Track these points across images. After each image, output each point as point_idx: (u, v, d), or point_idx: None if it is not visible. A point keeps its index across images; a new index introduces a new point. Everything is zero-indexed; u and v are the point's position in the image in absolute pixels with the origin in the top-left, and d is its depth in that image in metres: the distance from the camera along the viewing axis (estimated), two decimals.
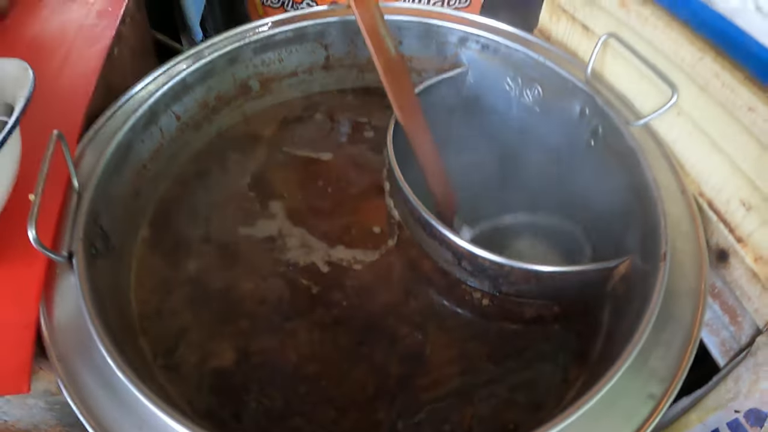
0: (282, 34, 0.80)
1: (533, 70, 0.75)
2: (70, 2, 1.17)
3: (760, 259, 0.58)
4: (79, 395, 0.45)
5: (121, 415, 0.44)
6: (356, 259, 0.67)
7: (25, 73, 0.60)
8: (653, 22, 0.65)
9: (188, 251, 0.67)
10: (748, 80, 0.56)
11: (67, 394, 0.45)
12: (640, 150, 0.62)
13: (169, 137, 0.73)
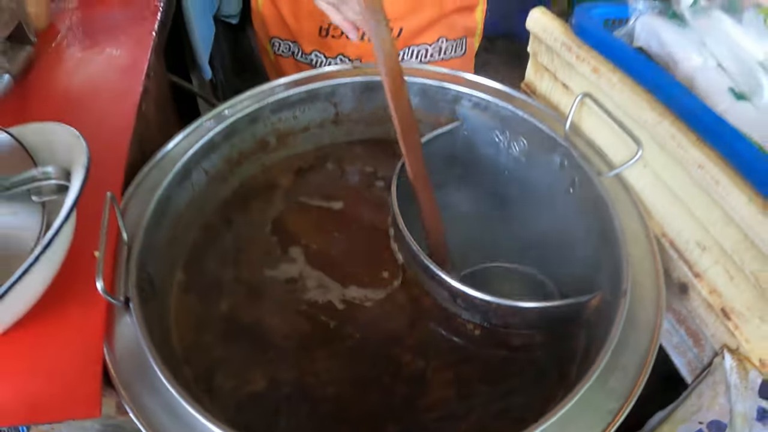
0: (296, 95, 0.92)
1: (519, 125, 0.88)
2: (93, 56, 1.29)
3: (714, 292, 0.70)
4: (143, 415, 0.57)
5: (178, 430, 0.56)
6: (367, 297, 0.79)
7: (77, 142, 0.72)
8: (620, 87, 0.77)
9: (220, 291, 0.79)
10: (698, 141, 0.68)
11: (133, 416, 0.57)
12: (609, 199, 0.74)
13: (199, 189, 0.85)
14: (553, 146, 0.84)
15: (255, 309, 0.77)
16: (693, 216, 0.71)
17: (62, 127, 0.76)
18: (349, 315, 0.77)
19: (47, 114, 1.02)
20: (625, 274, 0.66)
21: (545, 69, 0.95)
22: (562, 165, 0.84)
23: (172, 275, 0.79)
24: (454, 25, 1.36)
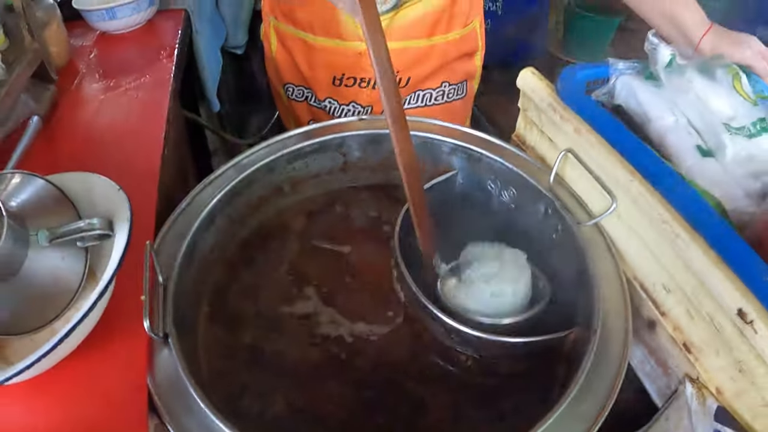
0: (309, 147, 1.05)
1: (508, 176, 1.00)
2: (115, 97, 1.40)
3: (677, 329, 0.81)
4: None
5: None
6: (373, 332, 0.90)
7: (117, 194, 0.83)
8: (598, 147, 0.90)
9: (243, 324, 0.90)
10: (662, 200, 0.80)
11: None
12: (587, 247, 0.86)
13: (222, 233, 0.97)
14: (539, 196, 0.96)
15: (275, 341, 0.89)
16: (659, 262, 0.83)
17: (102, 179, 0.87)
18: (357, 348, 0.89)
19: (76, 158, 1.14)
20: (596, 313, 0.77)
21: (533, 123, 1.08)
22: (546, 213, 0.96)
23: (199, 309, 0.91)
24: (456, 71, 1.50)
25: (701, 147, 0.92)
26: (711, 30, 1.09)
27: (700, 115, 0.95)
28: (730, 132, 0.91)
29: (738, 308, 0.68)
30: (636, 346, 0.90)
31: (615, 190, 0.86)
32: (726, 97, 0.97)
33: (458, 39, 1.43)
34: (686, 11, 1.11)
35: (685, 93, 0.97)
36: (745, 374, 0.71)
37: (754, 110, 0.95)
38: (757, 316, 0.66)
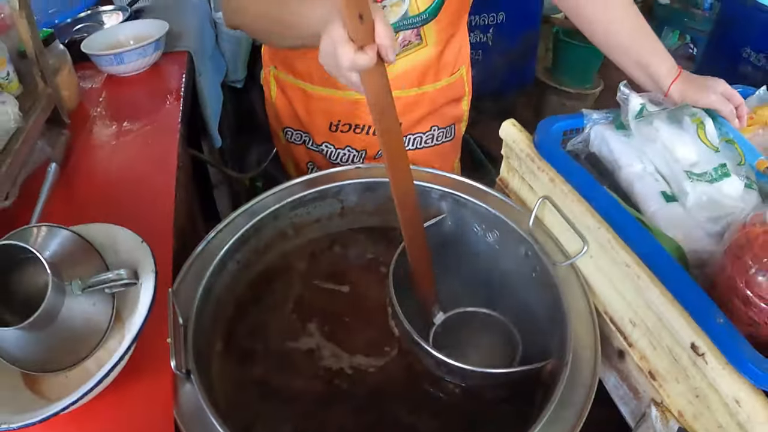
0: (310, 195, 1.17)
1: (492, 220, 1.12)
2: (126, 144, 1.50)
3: (643, 358, 0.93)
4: None
5: None
6: (371, 364, 1.02)
7: (141, 246, 0.95)
8: (570, 196, 1.02)
9: (253, 359, 1.01)
10: (625, 246, 0.92)
11: None
12: (562, 286, 0.97)
13: (232, 275, 1.08)
14: (519, 239, 1.08)
15: (283, 373, 1.00)
16: (625, 300, 0.94)
17: (125, 231, 0.98)
18: (357, 379, 1.00)
19: (93, 204, 1.25)
20: (568, 347, 0.89)
21: (515, 170, 1.20)
22: (526, 254, 1.08)
23: (214, 346, 1.02)
24: (445, 115, 1.61)
25: (666, 193, 1.03)
26: (679, 77, 1.21)
27: (665, 163, 1.07)
28: (691, 179, 1.02)
29: (691, 342, 0.79)
30: (610, 372, 1.01)
31: (586, 234, 0.98)
32: (690, 145, 1.08)
33: (446, 86, 1.55)
34: (657, 60, 1.23)
35: (652, 142, 1.09)
36: (701, 399, 0.82)
37: (715, 156, 1.07)
38: (707, 350, 0.78)
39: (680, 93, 1.20)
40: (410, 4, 1.29)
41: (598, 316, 0.99)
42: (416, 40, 1.39)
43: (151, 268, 0.91)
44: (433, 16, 1.34)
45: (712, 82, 1.20)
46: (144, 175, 1.37)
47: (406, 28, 1.34)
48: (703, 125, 1.11)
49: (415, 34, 1.37)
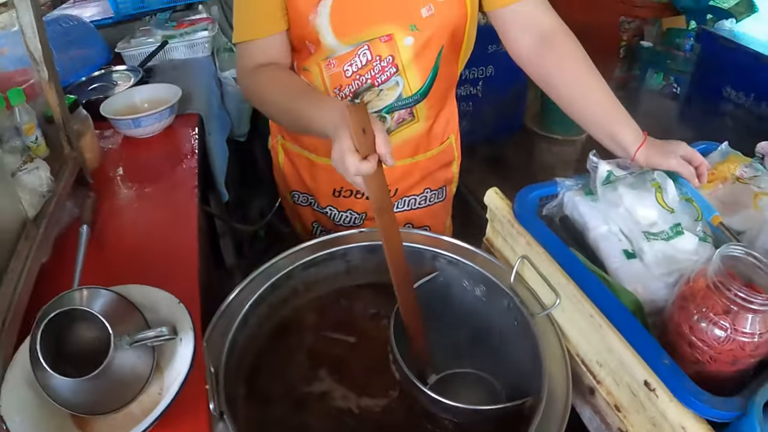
0: (320, 257, 1.36)
1: (478, 276, 1.31)
2: (149, 206, 1.67)
3: (609, 394, 1.10)
4: None
5: None
6: (375, 404, 1.19)
7: (178, 307, 1.12)
8: (544, 257, 1.20)
9: (273, 402, 1.19)
10: (589, 300, 1.10)
11: None
12: (539, 333, 1.15)
13: (253, 328, 1.26)
14: (502, 293, 1.26)
15: (300, 413, 1.18)
16: (592, 344, 1.12)
17: (162, 293, 1.16)
18: (364, 417, 1.18)
19: (124, 265, 1.41)
20: (544, 386, 1.06)
21: (499, 232, 1.39)
22: (508, 306, 1.26)
23: (238, 390, 1.19)
24: (437, 179, 1.81)
25: (627, 251, 1.22)
26: (644, 144, 1.36)
27: (627, 224, 1.25)
28: (649, 239, 1.20)
29: (644, 380, 0.98)
30: (585, 407, 1.18)
31: (558, 289, 1.16)
32: (649, 208, 1.26)
33: (437, 154, 1.76)
34: (624, 129, 1.39)
35: (616, 206, 1.27)
36: (657, 427, 0.99)
37: (671, 217, 1.24)
38: (657, 386, 0.96)
39: (645, 158, 1.36)
40: (404, 87, 1.50)
41: (571, 359, 1.16)
42: (409, 117, 1.59)
43: (189, 326, 1.08)
44: (423, 97, 1.55)
45: (674, 147, 1.36)
46: (168, 235, 1.54)
47: (400, 108, 1.55)
48: (661, 189, 1.29)
49: (408, 113, 1.58)
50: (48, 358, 0.99)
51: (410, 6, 1.40)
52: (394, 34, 1.43)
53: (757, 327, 0.94)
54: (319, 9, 1.38)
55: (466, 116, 4.10)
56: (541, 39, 1.48)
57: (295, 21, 1.43)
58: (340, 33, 1.41)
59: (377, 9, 1.40)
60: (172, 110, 2.08)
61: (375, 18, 1.41)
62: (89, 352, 1.05)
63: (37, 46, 1.50)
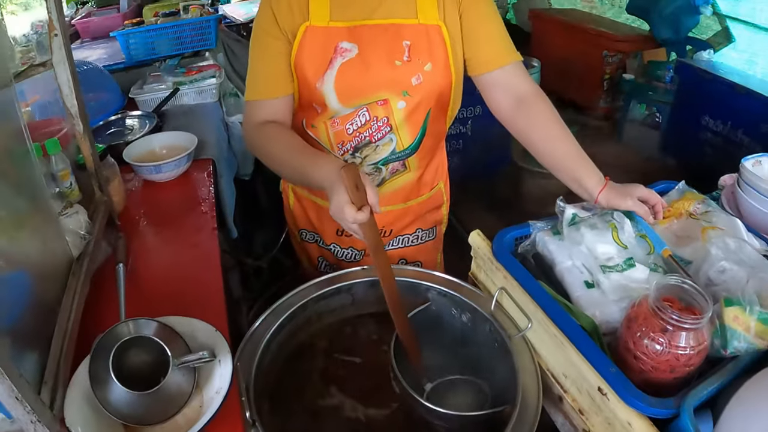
0: (329, 292, 1.62)
1: (464, 305, 1.56)
2: (175, 248, 1.90)
3: (574, 401, 1.35)
4: None
5: None
6: (380, 414, 1.44)
7: (215, 334, 1.37)
8: (518, 290, 1.45)
9: (293, 415, 1.43)
10: (553, 324, 1.35)
11: None
12: (515, 352, 1.40)
13: (274, 354, 1.49)
14: (484, 319, 1.51)
15: (317, 424, 1.42)
16: (557, 359, 1.37)
17: (201, 323, 1.41)
18: (370, 425, 1.43)
19: (159, 298, 1.65)
20: (518, 396, 1.31)
21: (481, 267, 1.65)
22: (490, 330, 1.50)
23: (264, 404, 1.42)
24: (427, 220, 2.09)
25: (587, 281, 1.46)
26: (605, 187, 1.61)
27: (587, 260, 1.50)
28: (605, 271, 1.45)
29: (598, 386, 1.22)
30: (557, 414, 1.43)
31: (530, 315, 1.42)
32: (606, 245, 1.51)
33: (427, 199, 2.04)
34: (587, 174, 1.65)
35: (578, 244, 1.52)
36: (612, 426, 1.23)
37: (624, 252, 1.50)
38: (608, 391, 1.20)
39: (606, 199, 1.60)
40: (397, 143, 1.78)
41: (542, 372, 1.41)
42: (402, 168, 1.87)
43: (227, 350, 1.34)
44: (414, 152, 1.83)
45: (632, 189, 1.60)
46: (195, 273, 1.79)
47: (394, 161, 1.83)
48: (617, 229, 1.54)
49: (401, 164, 1.85)
50: (110, 378, 1.25)
51: (402, 76, 1.68)
52: (389, 99, 1.70)
53: (690, 342, 1.17)
54: (325, 78, 1.66)
55: (457, 153, 4.37)
56: (517, 101, 1.75)
57: (304, 87, 1.70)
58: (343, 98, 1.69)
59: (375, 79, 1.67)
60: (189, 157, 2.34)
61: (373, 86, 1.68)
62: (140, 372, 1.30)
63: (73, 103, 1.74)
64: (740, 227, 1.55)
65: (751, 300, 1.23)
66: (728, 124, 4.05)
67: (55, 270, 1.49)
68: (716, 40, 5.23)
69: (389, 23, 1.67)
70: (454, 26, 1.71)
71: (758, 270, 1.32)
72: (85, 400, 1.26)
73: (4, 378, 0.97)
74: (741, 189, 1.75)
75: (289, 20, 1.65)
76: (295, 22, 1.65)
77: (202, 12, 3.95)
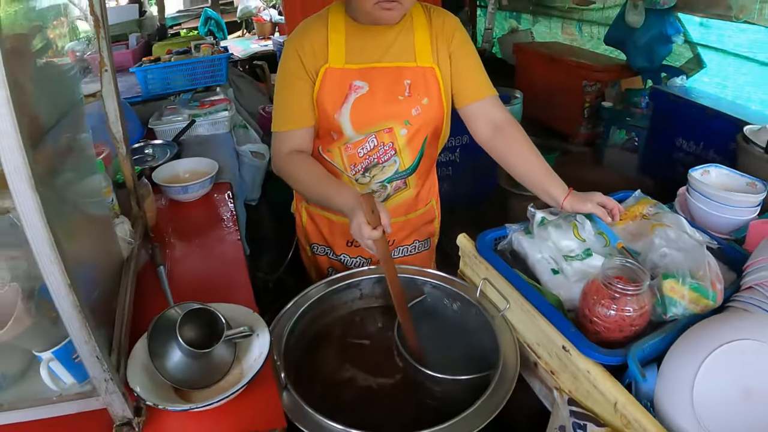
0: (341, 287, 1.94)
1: (455, 296, 1.89)
2: (205, 255, 2.15)
3: (546, 363, 1.63)
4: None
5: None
6: (387, 382, 1.73)
7: (254, 315, 1.64)
8: (497, 278, 1.77)
9: (314, 385, 1.70)
10: (528, 302, 1.66)
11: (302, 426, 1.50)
12: (497, 330, 1.70)
13: (296, 339, 1.78)
14: (471, 305, 1.84)
15: (337, 390, 1.71)
16: (531, 331, 1.68)
17: (239, 307, 1.68)
18: (380, 390, 1.72)
19: (197, 294, 1.86)
20: (500, 362, 1.61)
21: (467, 263, 1.97)
22: (476, 313, 1.82)
23: (290, 377, 1.67)
24: (422, 232, 2.44)
25: (554, 269, 1.78)
26: (569, 195, 1.94)
27: (553, 252, 1.82)
28: (567, 260, 1.77)
29: (562, 345, 1.52)
30: (534, 380, 1.72)
31: (508, 297, 1.73)
32: (568, 240, 1.84)
33: (423, 213, 2.40)
34: (554, 185, 1.98)
35: (546, 240, 1.84)
36: (576, 378, 1.51)
37: (583, 245, 1.82)
38: (570, 348, 1.50)
39: (570, 205, 1.93)
40: (400, 164, 2.14)
41: (520, 345, 1.71)
42: (403, 186, 2.22)
43: (263, 325, 1.62)
44: (413, 171, 2.18)
45: (592, 195, 1.93)
46: (225, 274, 2.10)
47: (397, 179, 2.18)
48: (577, 227, 1.87)
49: (402, 182, 2.21)
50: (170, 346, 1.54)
51: (404, 108, 2.04)
52: (393, 128, 2.06)
53: (634, 306, 1.47)
54: (342, 110, 2.01)
55: (447, 180, 4.70)
56: (494, 128, 2.11)
57: (324, 118, 2.04)
58: (356, 126, 2.04)
59: (382, 111, 2.03)
60: (212, 179, 2.65)
61: (380, 116, 2.04)
62: (192, 344, 1.56)
63: (118, 129, 2.04)
64: (683, 222, 1.86)
65: (684, 273, 1.55)
66: (700, 145, 4.37)
67: (112, 267, 1.80)
68: (689, 66, 5.60)
69: (393, 66, 2.03)
70: (445, 67, 2.07)
71: (692, 253, 1.62)
72: (142, 368, 1.50)
73: (90, 339, 1.19)
74: (690, 194, 2.12)
75: (313, 62, 1.99)
76: (318, 63, 1.99)
77: (213, 51, 4.32)
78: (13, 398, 1.45)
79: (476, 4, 8.73)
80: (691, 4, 5.22)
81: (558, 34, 7.55)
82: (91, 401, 1.39)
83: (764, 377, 1.27)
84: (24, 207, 1.01)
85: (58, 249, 1.07)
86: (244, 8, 10.21)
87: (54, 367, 1.44)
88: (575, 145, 6.23)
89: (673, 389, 1.35)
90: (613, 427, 1.41)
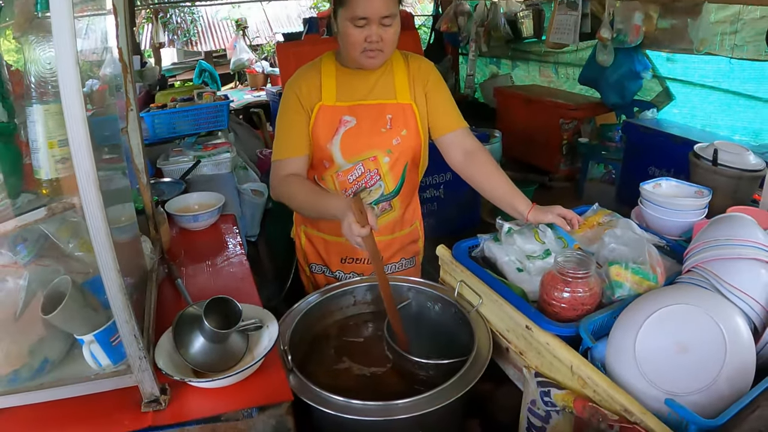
0: (337, 294, 2.22)
1: (436, 298, 2.19)
2: (217, 273, 2.40)
3: (516, 347, 1.90)
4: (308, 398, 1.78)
5: (321, 401, 1.76)
6: (378, 371, 2.00)
7: (265, 312, 1.90)
8: (471, 279, 2.06)
9: (316, 374, 1.96)
10: (497, 294, 1.95)
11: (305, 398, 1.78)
12: (473, 323, 1.97)
13: (300, 335, 2.03)
14: (450, 305, 2.12)
15: (336, 377, 1.98)
16: (502, 320, 1.94)
17: (251, 306, 1.94)
18: (373, 377, 1.99)
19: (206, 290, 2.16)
20: (475, 348, 1.87)
21: (446, 270, 2.26)
22: (454, 312, 2.10)
23: (296, 363, 1.92)
24: (408, 251, 2.73)
25: (518, 267, 2.07)
26: (533, 209, 2.24)
27: (518, 255, 2.11)
28: (530, 260, 2.06)
29: (525, 324, 1.79)
30: (508, 365, 1.98)
31: (481, 294, 2.01)
32: (531, 244, 2.14)
33: (407, 233, 2.69)
34: (519, 201, 2.28)
35: (512, 245, 2.14)
36: (540, 353, 1.77)
37: (543, 247, 2.13)
38: (532, 326, 1.77)
39: (533, 216, 2.22)
40: (384, 188, 2.45)
41: (492, 333, 1.98)
42: (388, 207, 2.53)
43: (272, 318, 1.88)
44: (396, 194, 2.49)
45: (552, 208, 2.20)
46: (233, 287, 2.35)
47: (382, 201, 2.49)
48: (538, 233, 2.17)
49: (387, 204, 2.51)
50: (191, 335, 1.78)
51: (386, 139, 2.36)
52: (377, 156, 2.38)
53: (584, 288, 1.76)
54: (333, 140, 2.34)
55: (432, 215, 4.91)
56: (465, 154, 2.43)
57: (317, 148, 2.36)
58: (346, 155, 2.36)
59: (367, 141, 2.35)
60: (219, 210, 2.92)
61: (366, 146, 2.36)
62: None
63: (140, 161, 2.31)
64: (632, 225, 2.17)
65: (626, 260, 1.85)
66: (671, 171, 4.55)
67: (140, 275, 2.09)
68: (659, 99, 5.92)
69: (377, 103, 2.37)
70: (421, 104, 2.41)
71: (635, 246, 1.93)
72: (167, 356, 1.74)
73: (131, 319, 1.42)
74: (642, 204, 2.46)
75: (308, 100, 2.33)
76: (312, 101, 2.33)
77: (215, 98, 4.66)
78: (54, 379, 1.65)
79: (458, 52, 9.07)
80: (656, 41, 5.48)
81: (536, 77, 7.84)
82: (125, 378, 1.57)
83: (694, 333, 1.54)
84: (89, 201, 1.29)
85: (110, 240, 1.35)
86: (236, 60, 10.59)
87: (93, 350, 1.64)
88: (557, 181, 6.50)
89: (619, 349, 1.62)
90: (573, 389, 1.66)
